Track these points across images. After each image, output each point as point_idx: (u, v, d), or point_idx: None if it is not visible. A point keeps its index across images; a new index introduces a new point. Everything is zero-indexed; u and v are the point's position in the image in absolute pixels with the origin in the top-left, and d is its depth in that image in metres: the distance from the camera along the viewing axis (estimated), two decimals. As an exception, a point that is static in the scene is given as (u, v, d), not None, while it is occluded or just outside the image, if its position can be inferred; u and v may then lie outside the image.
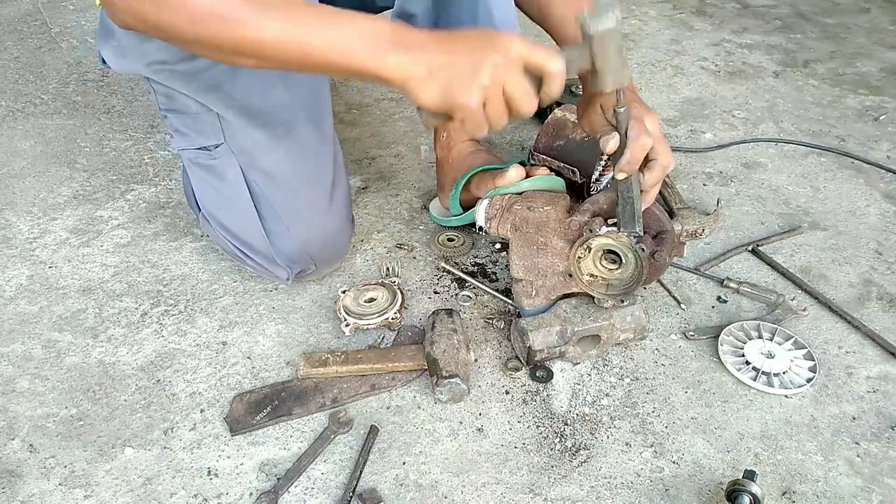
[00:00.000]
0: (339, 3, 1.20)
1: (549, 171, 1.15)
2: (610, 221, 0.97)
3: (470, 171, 1.19)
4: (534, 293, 1.02)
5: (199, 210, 1.12)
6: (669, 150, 0.95)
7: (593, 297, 1.00)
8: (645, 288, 1.15)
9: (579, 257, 0.97)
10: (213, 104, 0.99)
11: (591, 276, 0.99)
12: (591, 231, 0.94)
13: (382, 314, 1.06)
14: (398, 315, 1.07)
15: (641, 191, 0.94)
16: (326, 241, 1.10)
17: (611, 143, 0.92)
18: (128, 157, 1.49)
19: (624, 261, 0.95)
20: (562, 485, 0.87)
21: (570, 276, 0.99)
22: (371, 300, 1.09)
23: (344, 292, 1.10)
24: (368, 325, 1.06)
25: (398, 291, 1.10)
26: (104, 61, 1.02)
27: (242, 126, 1.00)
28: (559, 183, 1.13)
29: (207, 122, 1.01)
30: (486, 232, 1.07)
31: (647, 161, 0.94)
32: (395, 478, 0.87)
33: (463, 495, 0.85)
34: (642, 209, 0.95)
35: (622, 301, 0.99)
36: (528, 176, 1.12)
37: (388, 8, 1.14)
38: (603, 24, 0.79)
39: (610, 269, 0.97)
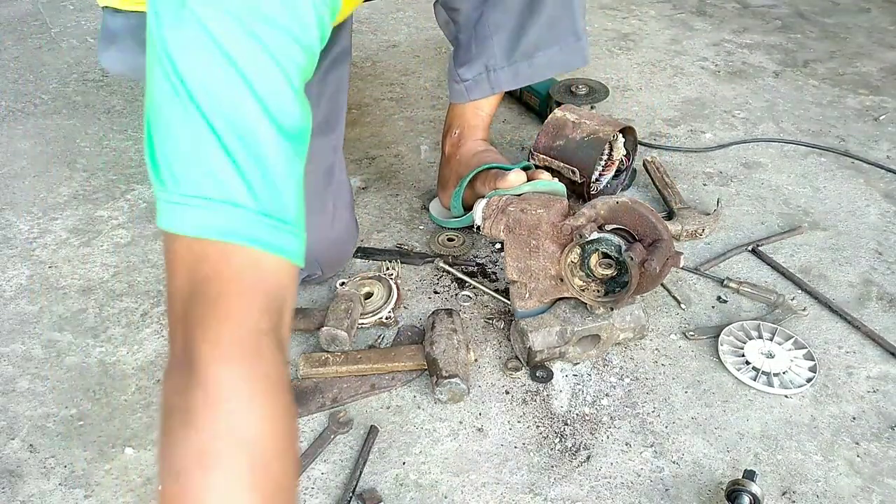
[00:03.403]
0: None
1: (550, 175, 1.15)
2: (608, 227, 0.96)
3: (476, 168, 1.19)
4: (527, 295, 1.02)
5: None
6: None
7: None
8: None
9: (572, 262, 0.97)
10: None
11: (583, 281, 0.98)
12: (580, 236, 0.94)
13: (376, 314, 1.06)
14: (391, 315, 1.07)
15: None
16: (331, 245, 1.10)
17: None
18: (128, 157, 1.49)
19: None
20: (562, 485, 0.87)
21: (562, 280, 0.99)
22: (368, 295, 1.09)
23: (342, 284, 1.11)
24: (363, 324, 1.06)
25: (393, 287, 1.10)
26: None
27: None
28: (560, 187, 1.13)
29: None
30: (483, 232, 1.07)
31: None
32: (395, 478, 0.87)
33: (463, 495, 0.85)
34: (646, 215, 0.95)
35: (612, 309, 0.99)
36: (529, 179, 1.11)
37: None
38: None
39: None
